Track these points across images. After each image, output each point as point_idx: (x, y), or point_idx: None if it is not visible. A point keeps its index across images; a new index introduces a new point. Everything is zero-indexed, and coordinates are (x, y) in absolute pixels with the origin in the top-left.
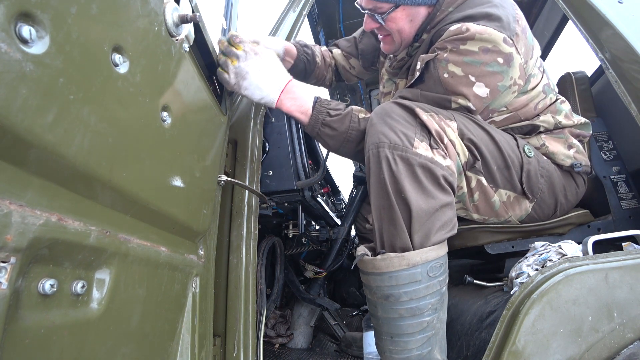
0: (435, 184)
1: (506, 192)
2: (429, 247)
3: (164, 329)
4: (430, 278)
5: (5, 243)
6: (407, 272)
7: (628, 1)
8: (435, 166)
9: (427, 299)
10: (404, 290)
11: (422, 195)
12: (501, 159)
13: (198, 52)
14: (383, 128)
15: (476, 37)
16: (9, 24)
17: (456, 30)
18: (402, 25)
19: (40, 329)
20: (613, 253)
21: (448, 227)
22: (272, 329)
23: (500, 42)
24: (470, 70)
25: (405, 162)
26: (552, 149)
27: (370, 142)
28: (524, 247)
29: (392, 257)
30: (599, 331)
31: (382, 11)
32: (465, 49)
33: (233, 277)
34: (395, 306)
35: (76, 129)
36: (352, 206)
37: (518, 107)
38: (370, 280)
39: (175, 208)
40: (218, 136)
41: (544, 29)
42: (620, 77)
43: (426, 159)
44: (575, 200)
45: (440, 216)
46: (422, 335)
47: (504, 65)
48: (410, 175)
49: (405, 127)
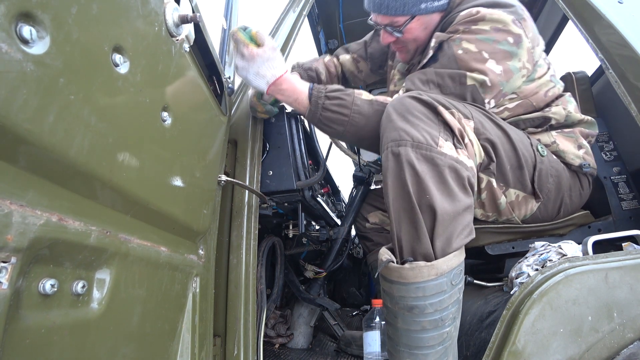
0: (461, 185)
1: (516, 191)
2: (452, 254)
3: (164, 329)
4: (453, 286)
5: (6, 243)
6: (434, 282)
7: (628, 1)
8: (462, 167)
9: (449, 309)
10: (430, 301)
11: (448, 197)
12: (515, 158)
13: (198, 52)
14: (404, 125)
15: (487, 18)
16: (10, 24)
17: (467, 14)
18: (417, 34)
19: (41, 329)
20: (613, 253)
21: (467, 231)
22: (272, 329)
23: (510, 23)
24: (483, 46)
25: (431, 162)
26: (563, 147)
27: (390, 138)
28: (524, 247)
29: (422, 266)
30: (599, 331)
31: (398, 24)
32: (477, 28)
33: (233, 277)
34: (418, 318)
35: (76, 129)
36: (352, 206)
37: (529, 94)
38: (393, 289)
39: (175, 208)
40: (218, 136)
41: (544, 29)
42: (620, 77)
43: (452, 159)
44: (579, 203)
45: (461, 220)
46: (441, 346)
47: (513, 45)
48: (436, 176)
49: (429, 125)
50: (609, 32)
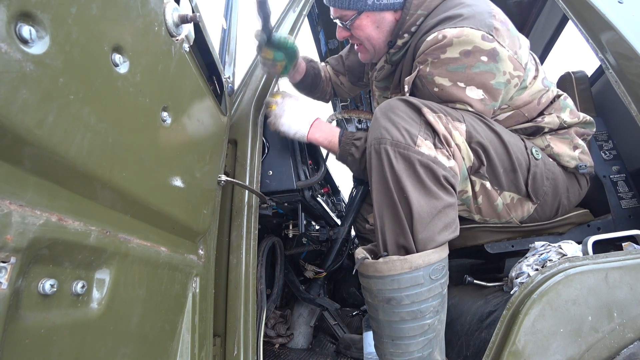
0: (438, 184)
1: (510, 194)
2: (431, 250)
3: (164, 329)
4: (433, 281)
5: (5, 243)
6: (409, 275)
7: (628, 1)
8: (437, 166)
9: (429, 302)
10: (406, 293)
11: (424, 195)
12: (509, 161)
13: (198, 52)
14: (386, 124)
15: (454, 42)
16: (9, 24)
17: (433, 40)
18: (369, 32)
19: (41, 329)
20: (613, 253)
21: (450, 229)
22: (272, 329)
23: (479, 41)
24: (456, 77)
25: (406, 160)
26: (557, 150)
27: (372, 137)
28: (523, 246)
29: (395, 260)
30: (599, 331)
31: (347, 19)
32: (446, 57)
33: (233, 277)
34: (396, 309)
35: (76, 129)
36: (352, 206)
37: (520, 105)
38: (371, 284)
39: (175, 208)
40: (218, 136)
41: (544, 29)
42: (620, 77)
43: (428, 158)
44: (576, 201)
45: (442, 217)
46: (423, 337)
47: (489, 62)
48: (411, 174)
49: (409, 124)
50: (609, 32)
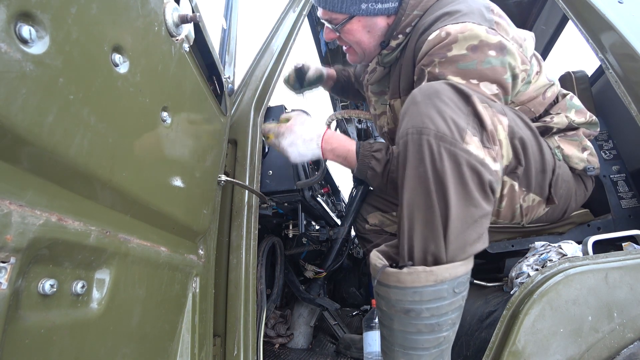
0: (481, 190)
1: (534, 196)
2: (460, 262)
3: (164, 329)
4: (455, 294)
5: (5, 243)
6: (433, 289)
7: (628, 1)
8: (485, 170)
9: (449, 315)
10: (427, 306)
11: (465, 201)
12: (541, 162)
13: (198, 52)
14: (429, 110)
15: (459, 38)
16: (9, 24)
17: (436, 39)
18: (360, 36)
19: (40, 329)
20: (613, 253)
21: (482, 240)
22: (272, 329)
23: (484, 35)
24: (468, 74)
25: (453, 158)
26: (567, 152)
27: (411, 124)
28: (523, 246)
29: (420, 271)
30: (599, 331)
31: (337, 22)
32: (453, 55)
33: (233, 277)
34: (414, 321)
35: (76, 129)
36: (352, 206)
37: (526, 100)
38: (389, 293)
39: (175, 208)
40: (218, 136)
41: (544, 29)
42: (620, 77)
43: (477, 159)
44: (581, 202)
45: (477, 227)
46: (436, 349)
47: (498, 56)
48: (456, 175)
49: (457, 114)
50: (609, 32)
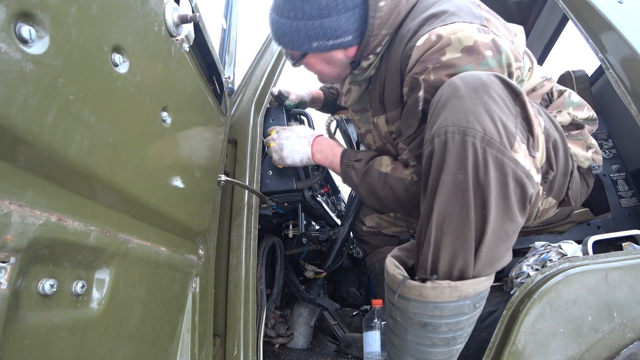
0: (521, 205)
1: (552, 199)
2: (485, 277)
3: (164, 329)
4: (475, 309)
5: (5, 243)
6: (455, 304)
7: (628, 1)
8: (529, 183)
9: (465, 329)
10: (446, 321)
11: (503, 215)
12: (564, 165)
13: (198, 52)
14: (476, 107)
15: (453, 41)
16: (9, 24)
17: (426, 44)
18: (320, 68)
19: (40, 329)
20: (613, 253)
21: (508, 254)
22: (272, 329)
23: (477, 34)
24: None
25: (500, 167)
26: (573, 151)
27: (451, 121)
28: (523, 245)
29: (444, 286)
30: (599, 331)
31: (294, 57)
32: (448, 59)
33: (233, 277)
34: (430, 334)
35: (76, 128)
36: (352, 206)
37: None
38: (408, 306)
39: (175, 208)
40: (218, 136)
41: (544, 29)
42: (620, 77)
43: (523, 171)
44: (583, 201)
45: (507, 242)
46: None
47: (495, 56)
48: (501, 187)
49: (506, 114)
50: (609, 32)
